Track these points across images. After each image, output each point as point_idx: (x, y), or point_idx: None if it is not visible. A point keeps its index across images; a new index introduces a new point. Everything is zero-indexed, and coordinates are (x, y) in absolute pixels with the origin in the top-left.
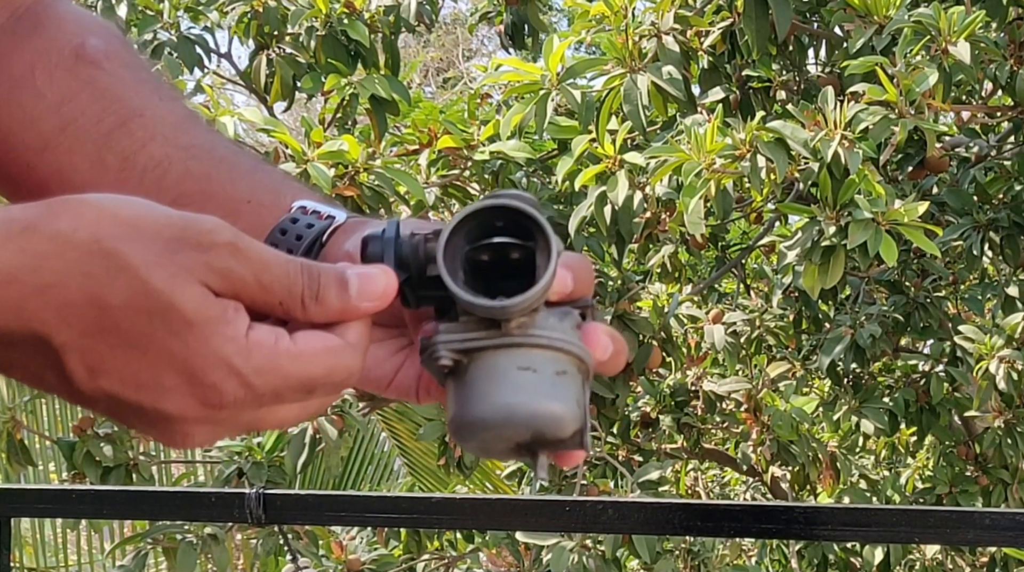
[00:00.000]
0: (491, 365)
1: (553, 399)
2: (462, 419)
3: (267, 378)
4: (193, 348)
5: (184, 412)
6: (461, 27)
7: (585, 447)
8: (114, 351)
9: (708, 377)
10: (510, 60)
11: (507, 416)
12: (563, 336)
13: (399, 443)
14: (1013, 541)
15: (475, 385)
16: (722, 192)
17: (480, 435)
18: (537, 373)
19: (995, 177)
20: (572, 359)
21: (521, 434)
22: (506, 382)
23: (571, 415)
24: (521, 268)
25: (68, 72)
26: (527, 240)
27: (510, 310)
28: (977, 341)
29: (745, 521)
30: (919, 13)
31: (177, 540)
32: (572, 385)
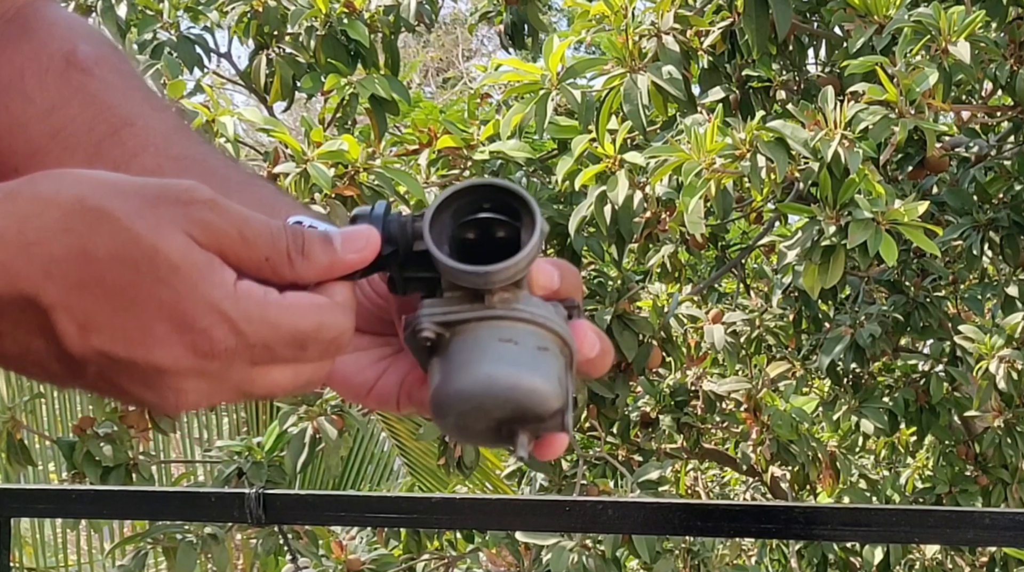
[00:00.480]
0: (473, 337)
1: (534, 372)
2: (442, 392)
3: (257, 327)
4: (182, 293)
5: (176, 363)
6: (461, 27)
7: (567, 429)
8: (102, 304)
9: (708, 377)
10: (510, 60)
11: (487, 386)
12: (546, 314)
13: (399, 443)
14: (1013, 541)
15: (456, 357)
16: (722, 192)
17: (460, 408)
18: (519, 345)
19: (995, 177)
20: (554, 337)
21: (502, 408)
22: (487, 353)
23: (552, 391)
24: (506, 249)
25: (58, 78)
26: (513, 219)
27: (492, 277)
28: (977, 341)
29: (745, 521)
30: (919, 13)
31: (177, 540)
32: (554, 362)
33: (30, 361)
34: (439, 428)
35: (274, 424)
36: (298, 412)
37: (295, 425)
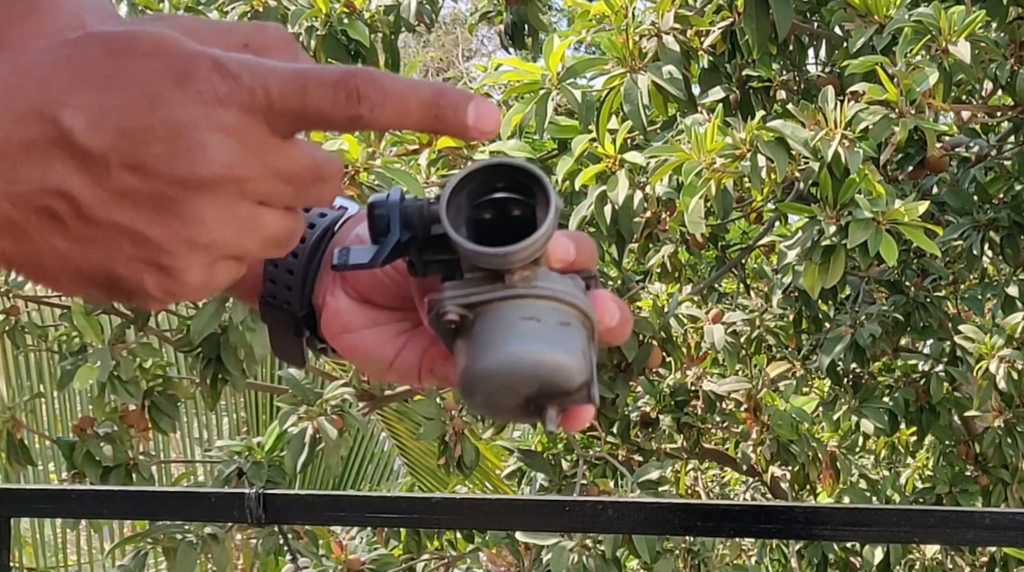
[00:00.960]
0: (496, 317)
1: (558, 347)
2: (469, 372)
3: (260, 66)
4: (172, 54)
5: (190, 113)
6: (461, 27)
7: (593, 400)
8: (102, 91)
9: (708, 377)
10: (510, 60)
11: (512, 364)
12: (566, 289)
13: (399, 443)
14: (1013, 541)
15: (481, 338)
16: (722, 192)
17: (487, 387)
18: (541, 322)
19: (995, 177)
20: (575, 312)
21: (528, 385)
22: (511, 332)
23: (577, 365)
24: (523, 227)
25: None
26: (528, 198)
27: (512, 257)
28: (977, 341)
29: (745, 521)
30: (919, 13)
31: (177, 540)
32: (576, 336)
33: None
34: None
35: (274, 424)
36: (298, 412)
37: (295, 425)
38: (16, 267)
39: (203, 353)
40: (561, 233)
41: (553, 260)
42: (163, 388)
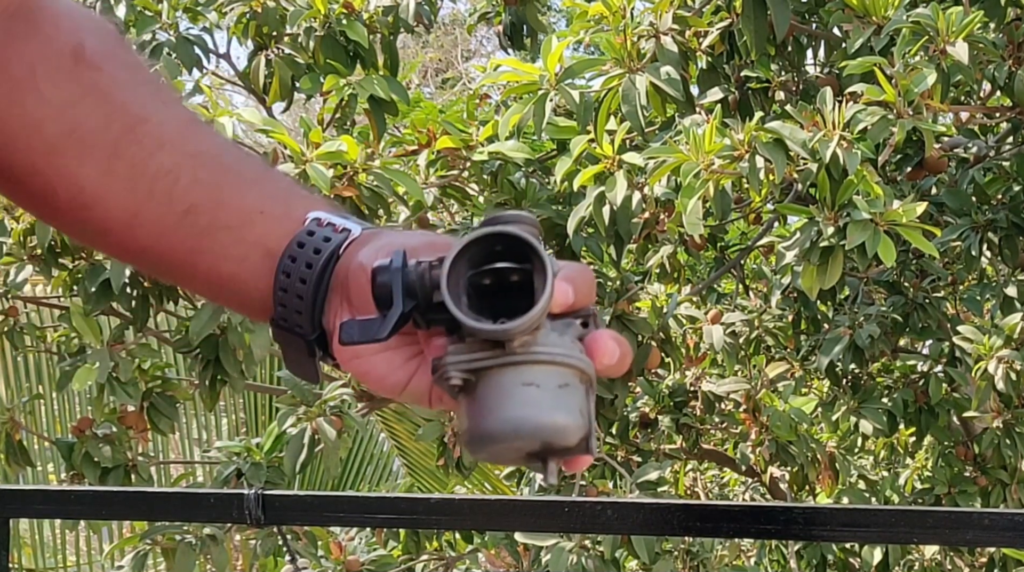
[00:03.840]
0: (497, 382)
1: (557, 411)
2: (474, 434)
3: None
4: None
5: None
6: (460, 28)
7: (591, 452)
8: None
9: (707, 377)
10: (509, 60)
11: (514, 430)
12: (564, 350)
13: (398, 443)
14: (1012, 542)
15: (483, 402)
16: (720, 193)
17: (491, 449)
18: (540, 388)
19: (994, 178)
20: (573, 371)
21: (530, 445)
22: (512, 398)
23: (575, 424)
24: (521, 290)
25: (68, 75)
26: (525, 262)
27: (511, 332)
28: (976, 341)
29: (744, 522)
30: (917, 13)
31: (176, 541)
32: (575, 396)
33: None
34: None
35: (273, 425)
36: (297, 413)
37: (294, 426)
38: None
39: (202, 354)
40: (559, 277)
41: (554, 306)
42: (162, 389)
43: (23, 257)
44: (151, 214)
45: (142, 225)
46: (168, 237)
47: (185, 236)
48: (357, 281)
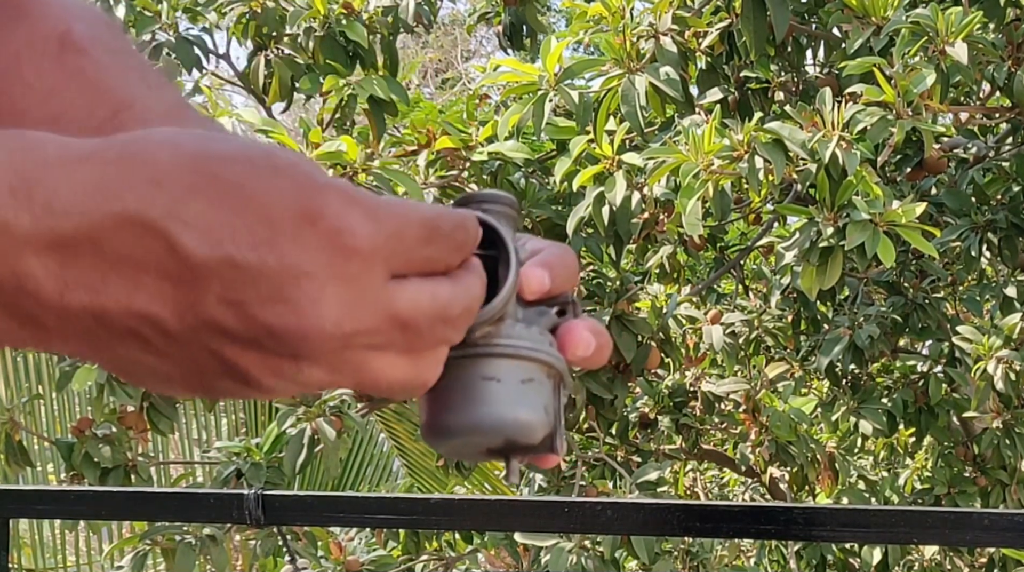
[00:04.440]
0: (455, 376)
1: (518, 407)
2: (431, 428)
3: (392, 210)
4: (303, 183)
5: (312, 260)
6: (459, 28)
7: (556, 451)
8: (219, 205)
9: (706, 378)
10: (508, 61)
11: (473, 426)
12: (529, 344)
13: (398, 444)
14: (1011, 542)
15: (442, 395)
16: (720, 193)
17: (449, 444)
18: (501, 383)
19: (993, 178)
20: (539, 365)
21: (491, 441)
22: (470, 393)
23: (539, 421)
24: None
25: (54, 62)
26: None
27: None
28: (975, 342)
29: (744, 522)
30: (917, 14)
31: (176, 541)
32: (539, 392)
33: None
34: None
35: (272, 425)
36: (297, 413)
37: (294, 426)
38: (101, 365)
39: None
40: (535, 263)
41: (527, 293)
42: None
43: None
44: None
45: None
46: None
47: None
48: None
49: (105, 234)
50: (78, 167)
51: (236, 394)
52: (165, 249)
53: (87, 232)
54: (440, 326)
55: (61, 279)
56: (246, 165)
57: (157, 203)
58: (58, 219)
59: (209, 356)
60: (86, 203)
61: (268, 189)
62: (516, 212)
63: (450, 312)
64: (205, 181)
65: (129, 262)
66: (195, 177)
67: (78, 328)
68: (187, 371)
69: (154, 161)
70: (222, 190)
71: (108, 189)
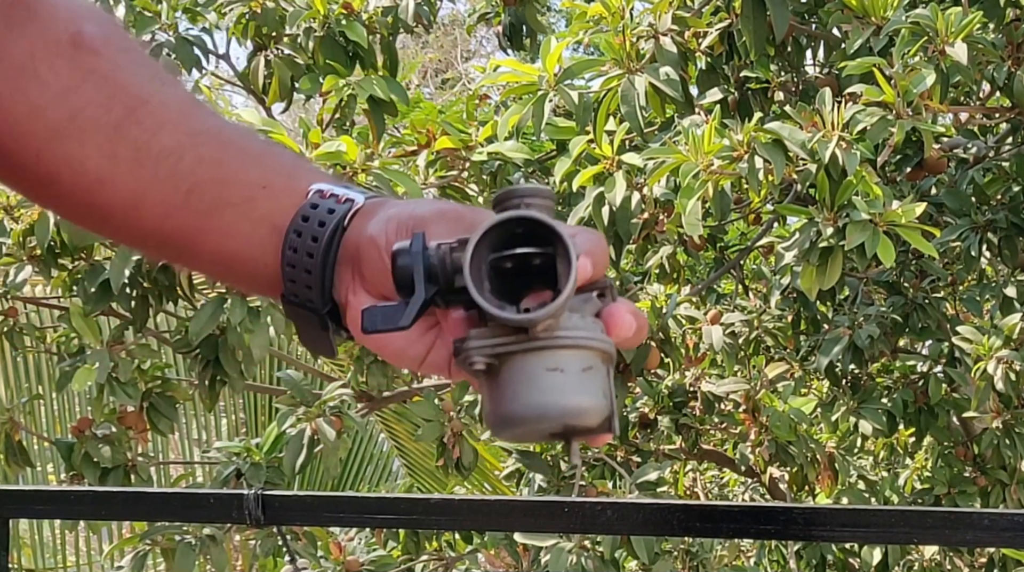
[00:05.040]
0: (521, 368)
1: (581, 395)
2: (498, 417)
3: None
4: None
5: None
6: (459, 28)
7: (613, 431)
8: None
9: (706, 378)
10: (508, 61)
11: (539, 415)
12: (587, 333)
13: (397, 444)
14: (1011, 542)
15: (508, 386)
16: (720, 193)
17: (515, 432)
18: (564, 373)
19: (993, 178)
20: (596, 353)
21: (554, 428)
22: (536, 383)
23: (599, 406)
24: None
25: (68, 61)
26: (546, 245)
27: (536, 321)
28: (975, 342)
29: (743, 522)
30: (916, 14)
31: (175, 541)
32: (598, 378)
33: None
34: None
35: (272, 425)
36: (296, 413)
37: (293, 426)
38: None
39: (201, 354)
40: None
41: None
42: (161, 389)
43: (22, 257)
44: (155, 195)
45: (147, 207)
46: (173, 218)
47: (190, 216)
48: (368, 255)
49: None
50: None
51: None
52: None
53: None
54: None
55: None
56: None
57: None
58: None
59: None
60: None
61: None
62: (554, 203)
63: None
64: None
65: None
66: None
67: None
68: None
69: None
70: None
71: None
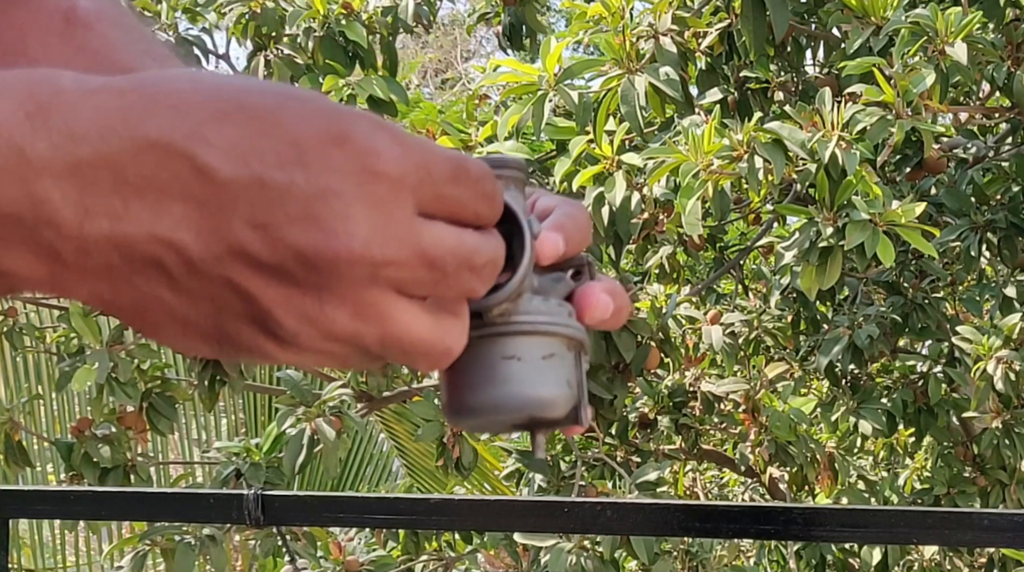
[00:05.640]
0: (475, 356)
1: (541, 385)
2: (455, 408)
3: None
4: (330, 109)
5: (340, 178)
6: (459, 28)
7: (580, 422)
8: (245, 128)
9: (706, 378)
10: (508, 61)
11: (495, 406)
12: (548, 318)
13: (397, 444)
14: (1011, 542)
15: (464, 376)
16: (720, 193)
17: (472, 423)
18: (522, 361)
19: (993, 178)
20: (559, 339)
21: (515, 419)
22: (492, 373)
23: (563, 396)
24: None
25: (60, 37)
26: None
27: (487, 305)
28: (975, 342)
29: (743, 522)
30: (916, 14)
31: (175, 541)
32: (561, 366)
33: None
34: None
35: (272, 425)
36: (296, 413)
37: (293, 426)
38: (116, 313)
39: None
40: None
41: (541, 260)
42: (161, 389)
43: None
44: None
45: None
46: None
47: None
48: None
49: (126, 159)
50: (95, 95)
51: (252, 348)
52: (190, 171)
53: (107, 157)
54: (466, 273)
55: (81, 206)
56: (270, 94)
57: (180, 127)
58: (77, 144)
59: (231, 292)
60: (105, 129)
61: (294, 114)
62: (526, 175)
63: (476, 259)
64: (230, 107)
65: (152, 187)
66: (219, 104)
67: (98, 262)
68: (206, 313)
69: (175, 91)
70: (247, 115)
71: (128, 115)
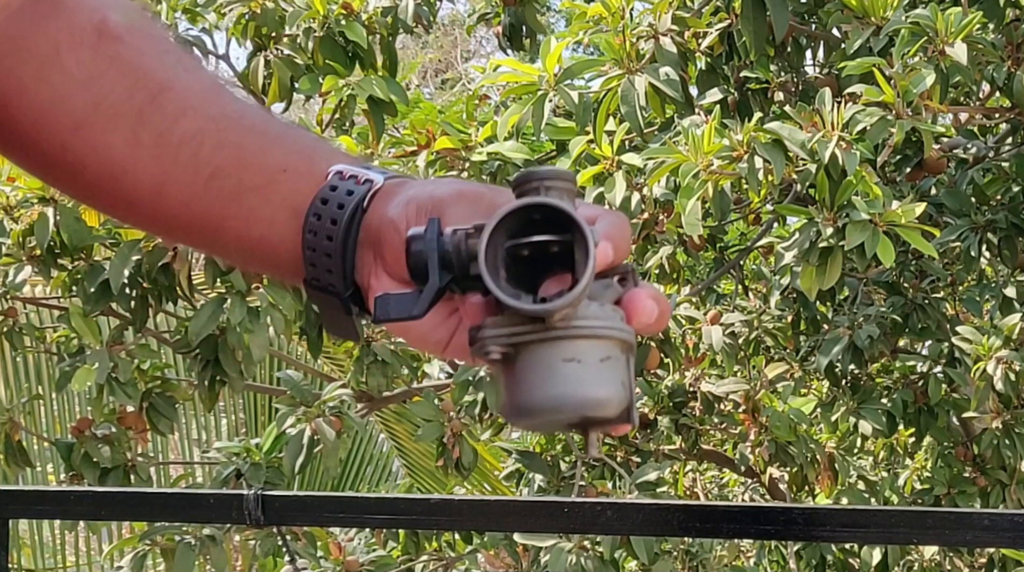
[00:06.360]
0: (537, 358)
1: (599, 386)
2: (514, 407)
3: None
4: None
5: None
6: (459, 28)
7: (632, 421)
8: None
9: (706, 378)
10: (508, 61)
11: (556, 406)
12: (605, 322)
13: (397, 444)
14: (1011, 542)
15: (524, 377)
16: (720, 193)
17: (531, 422)
18: (582, 363)
19: (993, 178)
20: (615, 343)
21: (572, 419)
22: (553, 374)
23: (617, 397)
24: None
25: (92, 50)
26: (565, 232)
27: (552, 311)
28: (975, 342)
29: (743, 522)
30: (916, 14)
31: (175, 541)
32: (617, 368)
33: None
34: None
35: (272, 425)
36: (296, 413)
37: (293, 426)
38: None
39: (201, 355)
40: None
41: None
42: (161, 390)
43: (22, 258)
44: (178, 181)
45: (170, 193)
46: (196, 203)
47: (213, 201)
48: (389, 238)
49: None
50: None
51: None
52: None
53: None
54: None
55: None
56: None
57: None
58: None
59: None
60: None
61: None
62: (575, 185)
63: None
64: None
65: None
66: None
67: None
68: None
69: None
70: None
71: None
